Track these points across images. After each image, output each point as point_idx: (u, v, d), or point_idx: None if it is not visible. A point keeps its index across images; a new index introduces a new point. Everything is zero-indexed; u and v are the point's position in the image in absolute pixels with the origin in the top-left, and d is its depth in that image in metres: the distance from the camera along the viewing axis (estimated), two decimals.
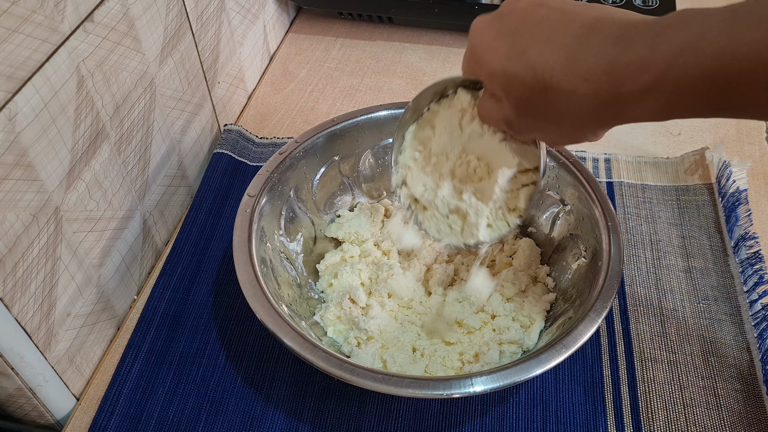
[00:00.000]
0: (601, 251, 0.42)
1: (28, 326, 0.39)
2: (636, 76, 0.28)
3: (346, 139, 0.51)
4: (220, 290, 0.49)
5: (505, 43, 0.32)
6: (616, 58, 0.28)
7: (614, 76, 0.28)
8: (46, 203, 0.39)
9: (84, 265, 0.43)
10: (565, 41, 0.30)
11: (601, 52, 0.29)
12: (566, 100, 0.30)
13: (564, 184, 0.47)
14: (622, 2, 0.64)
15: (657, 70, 0.27)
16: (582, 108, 0.30)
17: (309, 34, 0.74)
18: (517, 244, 0.49)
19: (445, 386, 0.36)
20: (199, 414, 0.42)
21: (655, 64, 0.27)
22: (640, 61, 0.28)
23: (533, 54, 0.31)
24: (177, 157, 0.54)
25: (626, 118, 0.30)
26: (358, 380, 0.36)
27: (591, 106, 0.30)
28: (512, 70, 0.31)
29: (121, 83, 0.44)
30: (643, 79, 0.28)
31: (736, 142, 0.59)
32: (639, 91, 0.28)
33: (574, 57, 0.29)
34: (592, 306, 0.39)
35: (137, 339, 0.46)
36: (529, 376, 0.36)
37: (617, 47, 0.28)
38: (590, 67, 0.29)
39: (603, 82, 0.29)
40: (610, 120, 0.30)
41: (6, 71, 0.34)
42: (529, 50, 0.31)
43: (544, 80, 0.30)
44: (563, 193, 0.47)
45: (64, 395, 0.43)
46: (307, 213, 0.50)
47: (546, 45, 0.30)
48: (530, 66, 0.31)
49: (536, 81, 0.30)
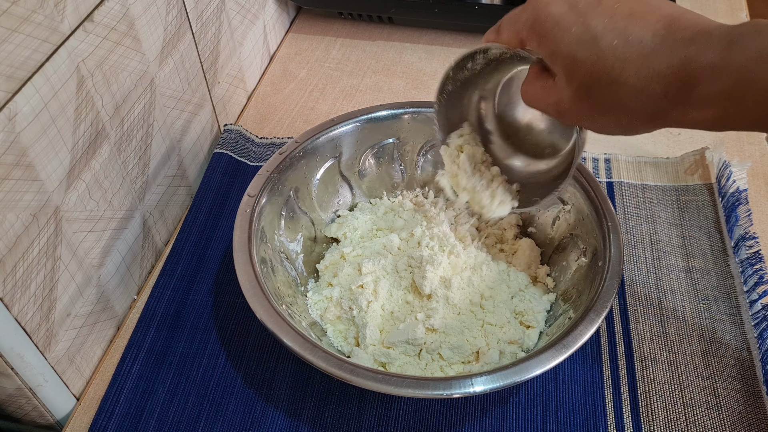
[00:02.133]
0: (601, 251, 0.42)
1: (28, 326, 0.39)
2: (708, 81, 0.27)
3: (346, 139, 0.51)
4: (220, 290, 0.49)
5: (578, 22, 0.30)
6: (689, 62, 0.28)
7: (686, 79, 0.28)
8: (46, 203, 0.39)
9: (84, 265, 0.43)
10: (640, 35, 0.29)
11: (675, 53, 0.28)
12: (632, 96, 0.29)
13: None
14: None
15: (730, 78, 0.27)
16: (646, 106, 0.29)
17: (309, 34, 0.74)
18: (517, 244, 0.49)
19: (445, 386, 0.35)
20: (199, 414, 0.42)
21: (728, 72, 0.27)
22: (713, 67, 0.27)
23: (606, 43, 0.29)
24: (177, 157, 0.54)
25: (684, 123, 0.29)
26: (358, 380, 0.36)
27: (656, 106, 0.29)
28: (582, 55, 0.30)
29: (121, 83, 0.44)
30: (716, 85, 0.27)
31: (736, 142, 0.59)
32: (707, 97, 0.27)
33: (647, 55, 0.29)
34: (592, 306, 0.39)
35: (137, 339, 0.46)
36: (529, 376, 0.36)
37: (691, 50, 0.28)
38: (662, 68, 0.28)
39: (674, 85, 0.28)
40: (670, 122, 0.30)
41: (6, 71, 0.34)
42: (602, 38, 0.29)
43: (613, 73, 0.29)
44: (563, 193, 0.47)
45: (64, 395, 0.43)
46: (307, 213, 0.50)
47: (621, 36, 0.29)
48: (601, 55, 0.29)
49: (605, 72, 0.29)
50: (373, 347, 0.43)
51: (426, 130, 0.52)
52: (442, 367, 0.42)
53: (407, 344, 0.42)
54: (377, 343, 0.43)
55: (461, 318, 0.43)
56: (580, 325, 0.38)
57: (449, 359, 0.42)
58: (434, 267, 0.44)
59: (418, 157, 0.53)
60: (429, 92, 0.66)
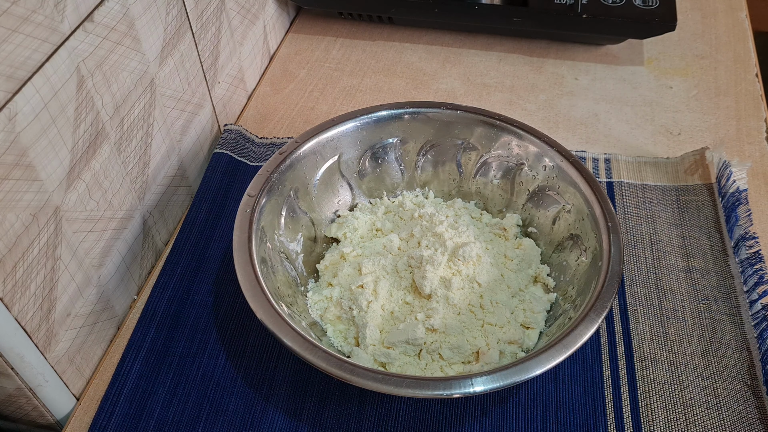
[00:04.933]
0: (601, 251, 0.42)
1: (28, 326, 0.39)
2: None
3: (346, 139, 0.51)
4: (220, 290, 0.49)
5: None
6: None
7: None
8: (46, 203, 0.39)
9: (84, 265, 0.43)
10: None
11: None
12: None
13: (564, 183, 0.47)
14: (622, 2, 0.64)
15: None
16: None
17: (309, 34, 0.74)
18: (517, 244, 0.49)
19: (445, 386, 0.35)
20: (199, 414, 0.42)
21: None
22: None
23: None
24: (177, 157, 0.54)
25: None
26: (358, 380, 0.36)
27: None
28: None
29: (121, 83, 0.44)
30: None
31: (736, 142, 0.59)
32: None
33: None
34: (592, 306, 0.39)
35: (137, 339, 0.46)
36: (529, 376, 0.36)
37: None
38: None
39: None
40: None
41: (6, 71, 0.34)
42: None
43: None
44: (563, 193, 0.47)
45: (64, 395, 0.43)
46: (307, 213, 0.50)
47: None
48: None
49: None
50: (373, 347, 0.43)
51: (426, 129, 0.52)
52: (442, 367, 0.42)
53: (407, 344, 0.42)
54: (377, 343, 0.43)
55: (461, 318, 0.43)
56: (579, 325, 0.38)
57: (449, 359, 0.42)
58: (434, 267, 0.44)
59: (418, 157, 0.53)
60: (429, 92, 0.66)
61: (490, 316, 0.44)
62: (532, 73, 0.68)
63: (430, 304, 0.44)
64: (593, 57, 0.69)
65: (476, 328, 0.43)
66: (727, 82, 0.66)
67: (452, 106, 0.51)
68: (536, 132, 0.49)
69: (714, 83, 0.66)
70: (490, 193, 0.52)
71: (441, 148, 0.52)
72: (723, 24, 0.72)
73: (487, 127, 0.50)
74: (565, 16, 0.64)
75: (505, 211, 0.51)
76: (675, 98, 0.64)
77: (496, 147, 0.51)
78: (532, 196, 0.50)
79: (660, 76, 0.67)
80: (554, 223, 0.48)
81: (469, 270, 0.45)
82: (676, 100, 0.64)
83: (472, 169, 0.52)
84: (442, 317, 0.43)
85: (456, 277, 0.44)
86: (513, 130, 0.50)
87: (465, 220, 0.50)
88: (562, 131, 0.61)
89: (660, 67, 0.68)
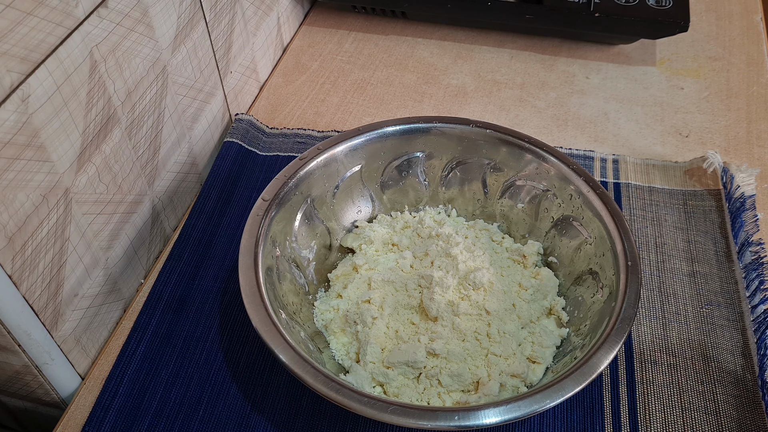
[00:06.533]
0: (617, 291, 0.40)
1: (35, 305, 0.39)
2: None
3: (370, 149, 0.49)
4: (225, 276, 0.49)
5: None
6: None
7: None
8: (56, 184, 0.39)
9: (92, 247, 0.44)
10: None
11: None
12: None
13: (589, 214, 0.45)
14: (635, 2, 0.64)
15: None
16: None
17: (322, 26, 0.75)
18: (535, 273, 0.47)
19: (430, 417, 0.34)
20: (201, 396, 0.43)
21: None
22: None
23: None
24: (187, 145, 0.55)
25: None
26: (342, 399, 0.35)
27: None
28: None
29: (133, 69, 0.45)
30: None
31: (746, 145, 0.59)
32: None
33: None
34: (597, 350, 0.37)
35: (143, 321, 0.47)
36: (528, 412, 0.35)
37: None
38: None
39: None
40: None
41: (20, 53, 0.35)
42: None
43: None
44: (587, 224, 0.45)
45: (70, 374, 0.44)
46: (324, 221, 0.49)
47: None
48: None
49: None
50: (372, 365, 0.42)
51: (453, 146, 0.50)
52: (440, 393, 0.41)
53: (407, 366, 0.41)
54: (377, 362, 0.42)
55: (465, 345, 0.42)
56: (576, 372, 0.36)
57: (448, 386, 0.41)
58: (443, 290, 0.43)
59: (444, 173, 0.51)
60: (440, 87, 0.66)
61: (495, 346, 0.42)
62: (543, 71, 0.68)
63: (436, 327, 0.43)
64: (605, 56, 0.69)
65: (480, 357, 0.42)
66: (739, 84, 0.65)
67: (482, 125, 0.49)
68: (565, 158, 0.47)
69: (726, 85, 0.65)
70: (514, 216, 0.50)
71: (468, 166, 0.51)
72: (737, 26, 0.71)
73: (515, 149, 0.49)
74: (578, 15, 0.64)
75: (528, 236, 0.50)
76: (686, 99, 0.64)
77: (524, 170, 0.49)
78: (556, 223, 0.48)
79: (672, 76, 0.67)
80: (576, 255, 0.46)
81: (479, 296, 0.44)
82: (687, 102, 0.64)
83: (498, 191, 0.50)
84: (445, 342, 0.42)
85: (464, 302, 0.43)
86: (541, 154, 0.48)
87: (483, 244, 0.48)
88: (571, 129, 0.61)
89: (672, 68, 0.67)
